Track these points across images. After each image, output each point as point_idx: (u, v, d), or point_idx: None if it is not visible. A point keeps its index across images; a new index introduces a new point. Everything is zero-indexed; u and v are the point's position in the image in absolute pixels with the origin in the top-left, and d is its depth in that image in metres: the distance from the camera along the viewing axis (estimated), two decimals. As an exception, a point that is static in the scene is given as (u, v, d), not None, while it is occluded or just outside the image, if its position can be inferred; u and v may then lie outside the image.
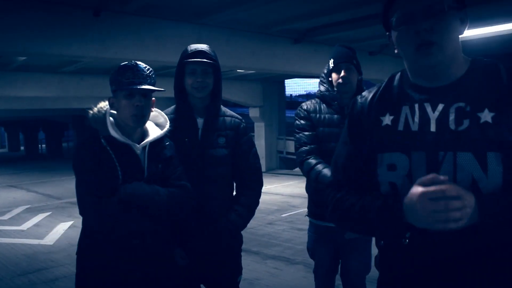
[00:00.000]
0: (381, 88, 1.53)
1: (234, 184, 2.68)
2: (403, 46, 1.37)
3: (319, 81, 3.08)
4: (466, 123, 1.29)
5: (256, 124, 16.52)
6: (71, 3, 6.00)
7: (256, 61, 8.41)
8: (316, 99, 3.04)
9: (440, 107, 1.34)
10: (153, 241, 2.25)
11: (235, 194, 2.65)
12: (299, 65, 9.05)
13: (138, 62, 2.24)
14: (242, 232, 2.66)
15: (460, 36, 1.37)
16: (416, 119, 1.37)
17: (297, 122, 3.00)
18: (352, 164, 1.55)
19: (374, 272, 1.83)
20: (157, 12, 6.72)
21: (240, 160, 2.58)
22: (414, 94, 1.41)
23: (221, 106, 2.64)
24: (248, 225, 2.69)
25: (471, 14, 1.42)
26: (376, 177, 1.45)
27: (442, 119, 1.33)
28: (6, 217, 9.52)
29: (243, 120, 2.69)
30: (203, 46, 2.52)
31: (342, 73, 2.88)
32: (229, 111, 2.67)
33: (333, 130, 2.89)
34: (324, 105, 2.98)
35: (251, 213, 2.62)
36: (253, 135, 16.16)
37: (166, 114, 2.58)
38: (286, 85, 17.66)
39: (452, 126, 1.31)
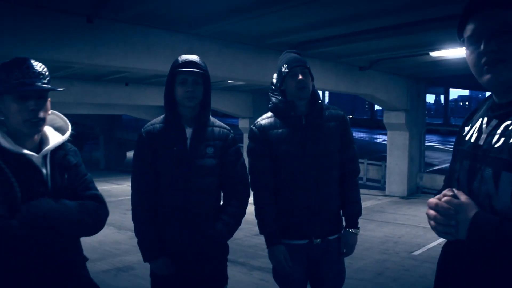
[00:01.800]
0: (481, 101, 1.62)
1: (222, 194, 2.69)
2: (472, 64, 1.41)
3: (269, 93, 2.87)
4: (501, 140, 1.33)
5: (245, 135, 16.53)
6: (65, 9, 6.00)
7: (248, 72, 8.44)
8: (270, 113, 2.77)
9: (494, 122, 1.40)
10: (65, 263, 1.94)
11: (222, 204, 2.67)
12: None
13: (28, 59, 1.88)
14: (228, 242, 2.67)
15: None
16: (476, 132, 1.47)
17: (249, 143, 2.77)
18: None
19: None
20: (149, 21, 6.74)
21: (227, 170, 2.59)
22: (487, 108, 1.50)
23: (210, 116, 2.66)
24: (235, 236, 2.70)
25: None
26: None
27: (490, 135, 1.38)
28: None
29: (232, 131, 2.71)
30: (194, 57, 2.54)
31: (300, 77, 2.64)
32: (218, 122, 2.69)
33: (292, 146, 2.65)
34: (278, 118, 2.72)
35: (238, 223, 2.63)
36: (242, 146, 16.17)
37: (155, 124, 2.59)
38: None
39: (493, 142, 1.36)
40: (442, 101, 47.27)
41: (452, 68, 11.46)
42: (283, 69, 2.70)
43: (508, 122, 1.34)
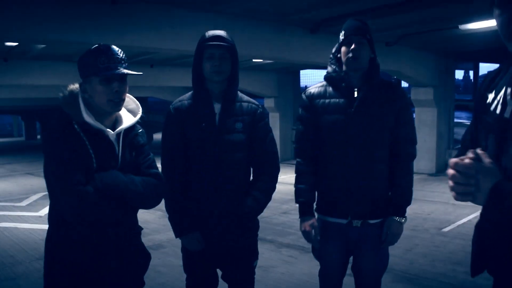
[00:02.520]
0: (502, 65, 1.53)
1: (251, 169, 2.68)
2: (502, 26, 1.33)
3: (329, 62, 2.77)
4: None
5: (271, 114, 16.46)
6: (89, -10, 6.02)
7: (272, 50, 8.36)
8: (324, 82, 2.71)
9: None
10: (126, 230, 2.19)
11: (252, 179, 2.66)
12: (314, 55, 8.98)
13: (111, 45, 2.11)
14: (262, 220, 2.68)
15: None
16: (500, 103, 1.39)
17: (299, 109, 2.79)
18: (472, 136, 1.63)
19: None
20: (173, 0, 6.71)
21: (257, 145, 2.59)
22: (510, 77, 1.41)
23: (238, 92, 2.64)
24: (263, 214, 2.70)
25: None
26: None
27: None
28: (24, 203, 9.66)
29: (260, 106, 2.69)
30: (220, 32, 2.53)
31: (353, 46, 2.51)
32: (246, 97, 2.67)
33: (338, 118, 2.57)
34: (331, 88, 2.64)
35: (268, 198, 2.64)
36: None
37: (183, 100, 2.59)
38: (301, 76, 17.58)
39: None
40: (471, 77, 46.26)
41: (481, 42, 11.14)
42: (340, 36, 2.60)
43: None
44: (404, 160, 2.65)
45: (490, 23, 8.22)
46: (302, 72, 17.48)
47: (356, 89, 2.56)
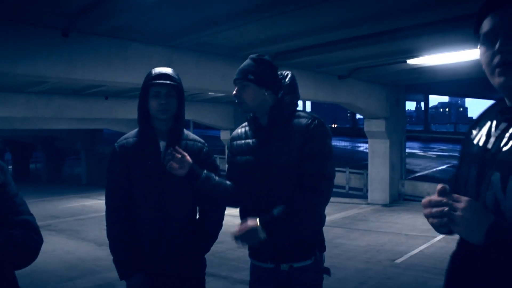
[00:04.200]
0: (491, 104, 1.56)
1: (197, 208, 2.65)
2: (485, 63, 1.35)
3: None
4: (509, 144, 1.29)
5: (227, 147, 16.50)
6: (39, 22, 5.93)
7: (227, 84, 8.37)
8: (246, 122, 2.58)
9: (503, 126, 1.35)
10: None
11: (199, 218, 2.63)
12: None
13: None
14: (211, 256, 2.63)
15: None
16: (484, 135, 1.42)
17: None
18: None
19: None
20: (126, 34, 6.69)
21: None
22: (496, 110, 1.44)
23: (184, 129, 2.63)
24: (217, 249, 2.67)
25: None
26: None
27: (498, 138, 1.34)
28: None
29: (206, 144, 2.68)
30: (167, 69, 2.52)
31: (234, 92, 2.42)
32: (192, 135, 2.66)
33: (244, 159, 2.42)
34: (248, 128, 2.52)
35: (215, 237, 2.60)
36: (224, 158, 16.11)
37: (129, 138, 2.56)
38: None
39: (501, 145, 1.32)
40: (423, 108, 47.73)
41: (430, 75, 11.57)
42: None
43: None
44: (307, 196, 2.30)
45: (437, 58, 8.55)
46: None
47: (267, 127, 2.41)
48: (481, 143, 1.40)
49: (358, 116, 34.90)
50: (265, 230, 2.19)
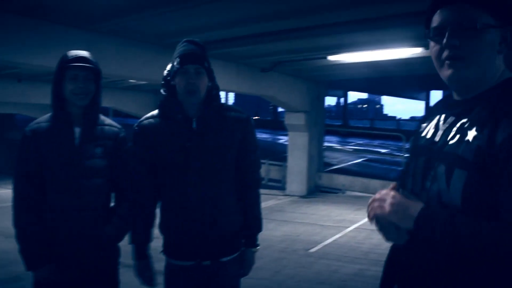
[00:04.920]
0: (441, 98, 1.62)
1: (113, 195, 2.60)
2: (434, 57, 1.40)
3: (161, 84, 2.41)
4: (456, 137, 1.33)
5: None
6: None
7: (149, 71, 8.27)
8: (157, 111, 2.39)
9: (451, 120, 1.40)
10: None
11: (113, 205, 2.58)
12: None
13: None
14: (125, 247, 2.58)
15: (499, 54, 1.36)
16: (432, 128, 1.47)
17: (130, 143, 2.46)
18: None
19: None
20: (44, 14, 6.39)
21: (118, 171, 2.51)
22: (444, 105, 1.51)
23: (100, 115, 2.56)
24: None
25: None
26: None
27: (446, 132, 1.38)
28: None
29: (123, 129, 2.62)
30: (84, 52, 2.44)
31: (191, 79, 2.23)
32: (108, 120, 2.59)
33: (176, 159, 2.27)
34: (165, 119, 2.33)
35: (130, 225, 2.54)
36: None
37: (41, 122, 2.46)
38: (179, 97, 17.54)
39: (448, 139, 1.35)
40: (343, 104, 49.20)
41: (350, 72, 11.98)
42: (175, 63, 2.27)
43: (465, 120, 1.33)
44: (254, 188, 2.49)
45: (357, 56, 8.88)
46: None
47: (194, 119, 2.30)
48: (428, 136, 1.45)
49: (279, 109, 35.38)
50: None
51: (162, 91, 2.38)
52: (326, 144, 16.16)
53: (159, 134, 2.31)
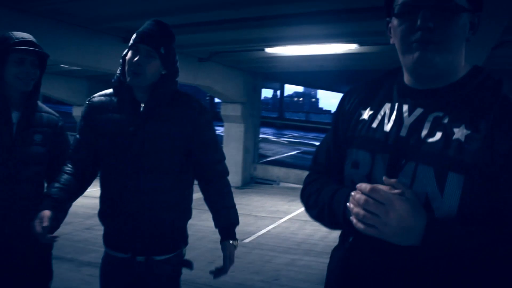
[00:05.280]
0: (374, 80, 1.43)
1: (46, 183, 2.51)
2: (400, 37, 1.22)
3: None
4: (438, 135, 1.17)
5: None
6: None
7: (82, 57, 8.00)
8: (110, 90, 2.26)
9: (418, 112, 1.24)
10: None
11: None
12: (126, 65, 8.83)
13: None
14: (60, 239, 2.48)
15: (466, 41, 1.23)
16: (392, 120, 1.28)
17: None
18: (329, 155, 1.49)
19: None
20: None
21: (56, 159, 2.43)
22: (399, 93, 1.31)
23: (38, 101, 2.47)
24: (63, 231, 2.54)
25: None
26: (343, 172, 1.38)
27: (416, 126, 1.22)
28: None
29: (61, 118, 2.55)
30: (28, 35, 2.31)
31: (135, 58, 2.07)
32: (45, 107, 2.50)
33: (118, 137, 2.15)
34: (116, 99, 2.21)
35: (65, 215, 2.47)
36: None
37: None
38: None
39: (423, 135, 1.20)
40: (279, 96, 49.70)
41: (287, 65, 12.10)
42: (131, 39, 2.13)
43: (439, 114, 1.20)
44: (217, 181, 2.36)
45: (293, 49, 8.98)
46: (115, 80, 17.01)
47: (143, 104, 2.17)
48: (387, 129, 1.27)
49: (216, 99, 35.25)
50: None
51: (118, 69, 2.22)
52: (261, 136, 16.29)
53: (106, 113, 2.19)
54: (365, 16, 6.35)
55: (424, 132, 1.20)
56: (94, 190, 2.40)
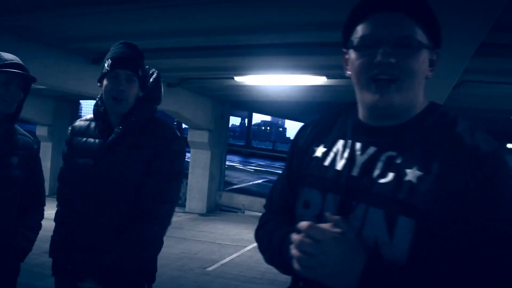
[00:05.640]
0: (329, 115, 1.36)
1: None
2: (358, 72, 1.15)
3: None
4: (390, 176, 1.11)
5: (43, 144, 15.31)
6: None
7: (49, 76, 7.87)
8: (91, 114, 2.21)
9: (371, 150, 1.17)
10: None
11: (18, 216, 2.38)
12: (92, 86, 8.72)
13: None
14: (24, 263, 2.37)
15: (425, 79, 1.18)
16: (344, 158, 1.20)
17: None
18: (284, 193, 1.40)
19: None
20: None
21: (30, 181, 2.33)
22: (353, 129, 1.24)
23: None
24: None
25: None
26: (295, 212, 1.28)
27: (368, 165, 1.15)
28: None
29: (36, 140, 2.46)
30: (17, 58, 2.18)
31: (118, 84, 2.02)
32: (21, 129, 2.37)
33: (82, 161, 2.08)
34: (93, 124, 2.17)
35: (37, 236, 2.38)
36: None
37: None
38: (83, 105, 16.87)
39: (375, 175, 1.13)
40: (247, 124, 49.90)
41: (255, 94, 12.20)
42: (106, 64, 2.05)
43: (393, 153, 1.13)
44: (141, 219, 2.02)
45: (261, 79, 9.07)
46: (84, 102, 16.81)
47: (117, 128, 2.08)
48: (339, 168, 1.20)
49: (184, 125, 35.19)
50: None
51: (98, 95, 2.17)
52: (228, 163, 16.26)
53: (84, 137, 2.14)
54: (332, 50, 6.49)
55: (376, 172, 1.13)
56: (54, 212, 2.33)
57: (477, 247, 1.03)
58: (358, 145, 1.20)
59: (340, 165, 1.20)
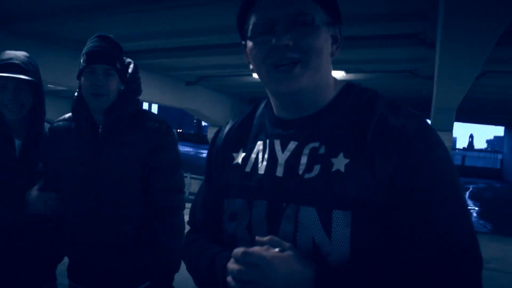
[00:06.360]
0: (243, 117, 1.22)
1: None
2: (258, 62, 1.04)
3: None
4: (316, 169, 1.00)
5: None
6: None
7: (69, 78, 7.88)
8: (70, 114, 2.04)
9: (292, 146, 1.05)
10: None
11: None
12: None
13: None
14: None
15: (331, 57, 1.06)
16: (265, 160, 1.08)
17: None
18: (206, 208, 1.25)
19: None
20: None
21: None
22: (269, 127, 1.12)
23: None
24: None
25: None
26: (222, 227, 1.15)
27: (292, 162, 1.03)
28: None
29: None
30: (18, 56, 2.02)
31: (95, 79, 1.87)
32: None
33: (72, 169, 1.94)
34: (74, 123, 2.00)
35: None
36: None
37: None
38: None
39: (300, 171, 1.01)
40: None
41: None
42: (81, 60, 1.90)
43: (315, 144, 1.02)
44: (162, 214, 1.98)
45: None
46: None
47: (102, 126, 1.94)
48: (262, 171, 1.08)
49: (204, 123, 35.39)
50: None
51: (76, 92, 2.01)
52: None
53: (66, 139, 1.99)
54: (350, 44, 6.45)
55: (301, 168, 1.01)
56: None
57: (414, 234, 0.94)
58: (277, 143, 1.07)
59: (262, 168, 1.08)
